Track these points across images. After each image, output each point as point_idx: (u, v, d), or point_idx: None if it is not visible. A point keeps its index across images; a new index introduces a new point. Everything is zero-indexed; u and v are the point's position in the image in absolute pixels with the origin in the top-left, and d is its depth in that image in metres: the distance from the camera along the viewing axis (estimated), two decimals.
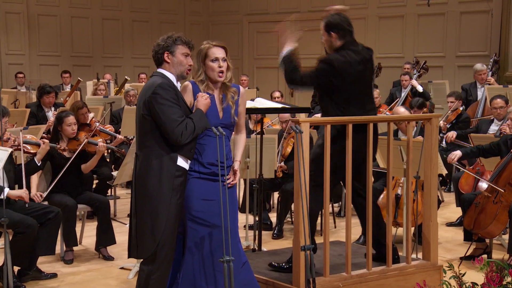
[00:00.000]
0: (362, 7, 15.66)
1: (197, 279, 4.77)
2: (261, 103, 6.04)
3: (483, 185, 7.09)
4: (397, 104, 10.69)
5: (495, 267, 4.83)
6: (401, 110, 7.80)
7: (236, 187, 5.02)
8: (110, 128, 8.85)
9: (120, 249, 6.88)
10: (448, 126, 9.89)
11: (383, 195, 7.19)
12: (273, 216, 8.33)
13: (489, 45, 13.96)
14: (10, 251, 5.74)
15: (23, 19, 16.05)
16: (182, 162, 4.69)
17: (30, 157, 6.60)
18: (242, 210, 7.52)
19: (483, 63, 11.73)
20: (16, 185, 6.45)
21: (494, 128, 8.75)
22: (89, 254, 7.08)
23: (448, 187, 10.08)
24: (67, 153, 6.95)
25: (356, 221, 5.84)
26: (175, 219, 4.68)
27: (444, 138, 9.00)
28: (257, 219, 6.81)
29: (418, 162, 5.82)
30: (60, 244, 6.79)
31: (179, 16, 18.29)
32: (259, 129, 6.65)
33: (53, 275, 6.33)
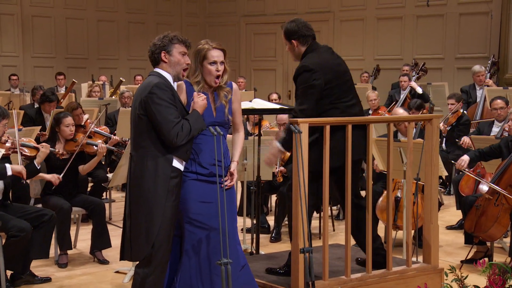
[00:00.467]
0: (360, 8, 15.63)
1: (194, 282, 4.72)
2: (258, 103, 5.98)
3: (484, 187, 7.05)
4: (396, 106, 10.62)
5: (497, 270, 4.77)
6: (400, 111, 7.79)
7: (235, 188, 4.95)
8: (105, 130, 8.77)
9: (115, 253, 6.79)
10: (448, 128, 9.78)
11: (382, 197, 7.13)
12: (270, 219, 8.28)
13: (488, 47, 13.93)
14: (3, 255, 5.70)
15: (17, 20, 15.97)
16: (177, 164, 4.64)
17: (24, 159, 6.51)
18: (240, 213, 7.45)
19: (482, 65, 11.70)
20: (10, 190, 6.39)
21: (495, 130, 8.68)
22: (84, 257, 7.03)
23: (448, 189, 9.98)
24: (65, 155, 6.90)
25: None
26: (171, 221, 4.63)
27: (460, 144, 8.75)
28: (254, 222, 6.75)
29: (418, 164, 5.76)
30: (54, 247, 6.73)
31: (176, 18, 18.22)
32: (257, 131, 6.57)
33: (47, 279, 6.27)
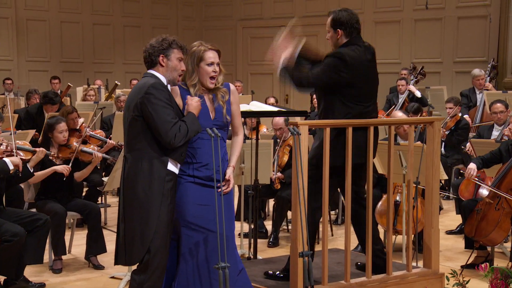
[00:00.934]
0: (358, 12, 15.44)
1: (191, 287, 4.64)
2: (256, 106, 5.92)
3: (484, 191, 7.01)
4: (394, 110, 10.56)
5: (499, 274, 4.71)
6: (399, 114, 7.76)
7: (233, 192, 4.88)
8: (100, 134, 8.72)
9: (110, 258, 6.68)
10: (447, 133, 9.71)
11: (381, 201, 7.07)
12: (268, 224, 8.21)
13: (487, 50, 13.89)
14: None
15: (11, 24, 15.87)
16: (171, 167, 4.57)
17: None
18: (237, 217, 7.38)
19: (481, 68, 11.66)
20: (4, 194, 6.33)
21: (495, 133, 8.63)
22: (79, 263, 6.98)
23: (447, 195, 9.87)
24: (59, 161, 6.88)
25: None
26: (167, 225, 4.56)
27: (466, 151, 8.53)
28: (252, 226, 6.68)
29: (417, 167, 5.71)
30: (49, 252, 6.68)
31: (172, 21, 18.14)
32: (254, 136, 6.50)
33: (41, 285, 6.22)
